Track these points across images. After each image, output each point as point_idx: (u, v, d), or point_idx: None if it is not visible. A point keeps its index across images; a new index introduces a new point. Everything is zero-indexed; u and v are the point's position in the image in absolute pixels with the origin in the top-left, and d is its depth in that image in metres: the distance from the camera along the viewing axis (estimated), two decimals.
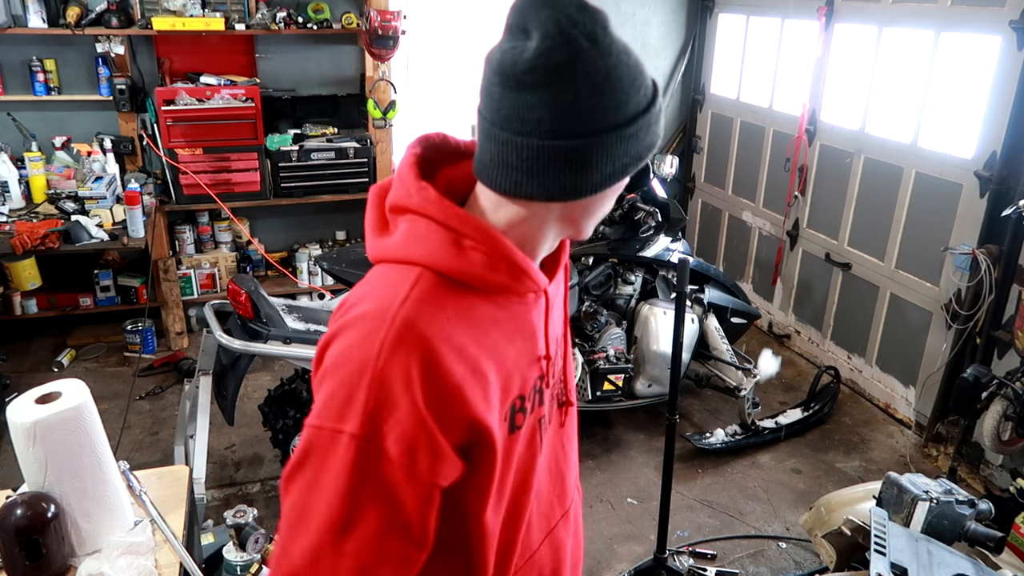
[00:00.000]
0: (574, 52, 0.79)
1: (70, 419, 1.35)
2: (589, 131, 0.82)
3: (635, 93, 0.84)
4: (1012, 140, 3.08)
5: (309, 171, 4.28)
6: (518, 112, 0.82)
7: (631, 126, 0.84)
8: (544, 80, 0.80)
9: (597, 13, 0.82)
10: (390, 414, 0.81)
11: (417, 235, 0.88)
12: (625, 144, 0.84)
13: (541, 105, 0.81)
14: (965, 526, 1.99)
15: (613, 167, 0.85)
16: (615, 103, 0.82)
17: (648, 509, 3.12)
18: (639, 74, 0.84)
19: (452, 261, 0.87)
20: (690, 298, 3.60)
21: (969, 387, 2.92)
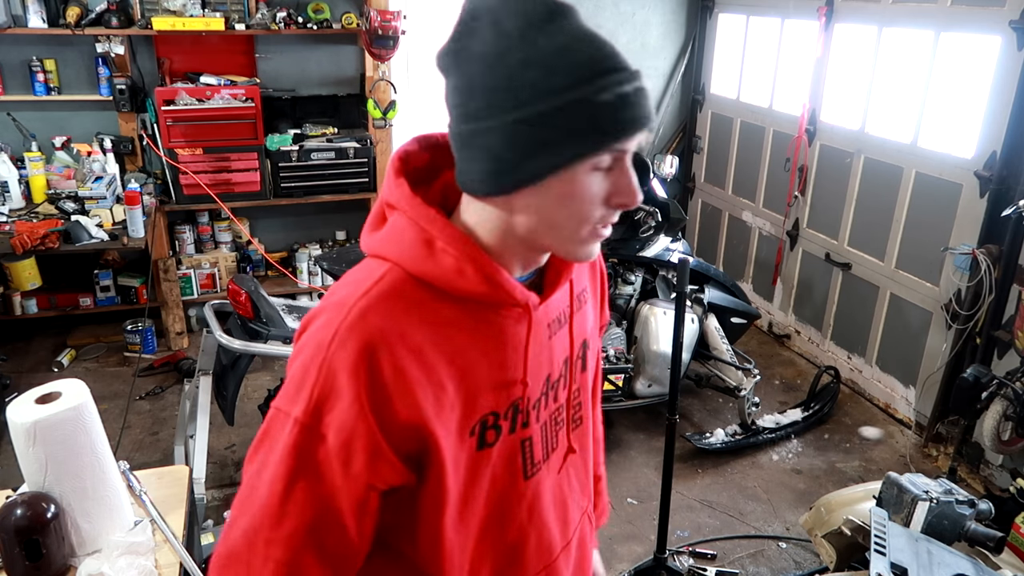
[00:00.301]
0: (476, 34, 0.79)
1: (70, 419, 1.35)
2: (484, 115, 0.79)
3: (541, 78, 0.76)
4: (1012, 140, 3.08)
5: (309, 171, 4.28)
6: (478, 100, 0.80)
7: (524, 110, 0.77)
8: (450, 65, 0.83)
9: (517, 3, 0.78)
10: (334, 404, 0.80)
11: (394, 232, 0.88)
12: (521, 134, 0.77)
13: (452, 91, 0.83)
14: (965, 526, 1.99)
15: (513, 158, 0.79)
16: (510, 87, 0.77)
17: (648, 509, 3.12)
18: (555, 57, 0.76)
19: (421, 262, 0.85)
20: (690, 298, 3.60)
21: (969, 387, 2.92)
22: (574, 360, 1.03)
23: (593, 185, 0.82)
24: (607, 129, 0.78)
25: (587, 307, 1.08)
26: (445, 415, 0.85)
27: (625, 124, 0.79)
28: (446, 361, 0.85)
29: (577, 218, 0.83)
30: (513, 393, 0.92)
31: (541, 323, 0.95)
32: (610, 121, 0.78)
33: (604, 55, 0.78)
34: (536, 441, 0.97)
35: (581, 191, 0.81)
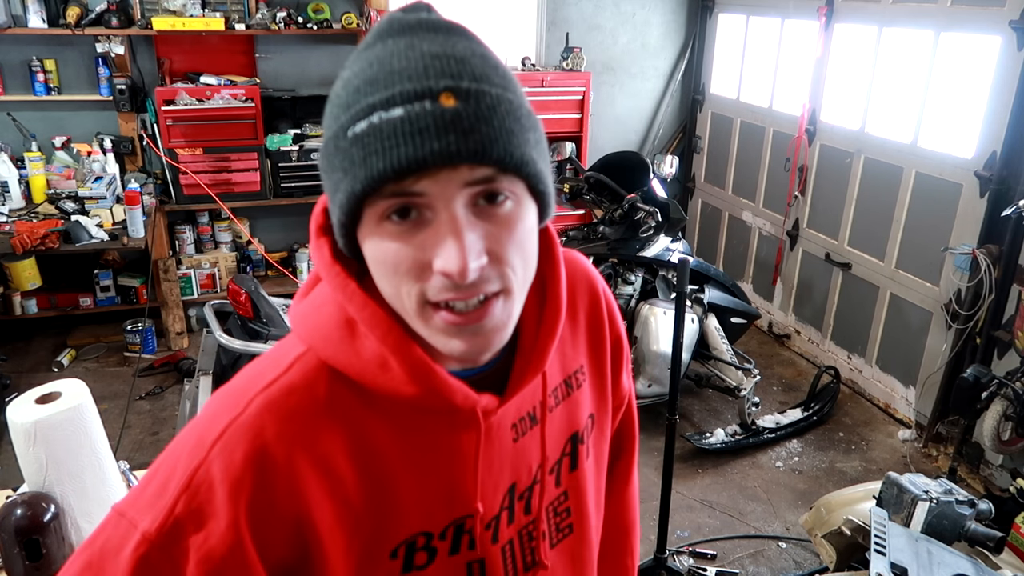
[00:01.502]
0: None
1: (70, 419, 1.35)
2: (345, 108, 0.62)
3: (339, 100, 0.62)
4: (1012, 140, 3.08)
5: (309, 171, 4.29)
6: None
7: (327, 141, 0.64)
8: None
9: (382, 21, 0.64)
10: (202, 526, 0.63)
11: (314, 306, 0.71)
12: (329, 167, 0.63)
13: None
14: (965, 526, 1.99)
15: (333, 199, 0.64)
16: (327, 115, 0.64)
17: (648, 509, 3.12)
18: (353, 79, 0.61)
19: (339, 350, 0.68)
20: (690, 298, 3.60)
21: (969, 387, 2.92)
22: (553, 465, 0.83)
23: (394, 250, 0.61)
24: (356, 169, 0.59)
25: (583, 390, 0.87)
26: (346, 535, 0.68)
27: (379, 158, 0.58)
28: (358, 473, 0.68)
29: (399, 292, 0.63)
30: (454, 511, 0.74)
31: (501, 427, 0.75)
32: (359, 156, 0.59)
33: (384, 74, 0.59)
34: (494, 563, 0.78)
35: (381, 253, 0.62)
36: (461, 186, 0.59)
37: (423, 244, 0.61)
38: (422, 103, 0.57)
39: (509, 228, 0.63)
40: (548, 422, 0.80)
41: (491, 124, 0.58)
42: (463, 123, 0.57)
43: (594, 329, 0.88)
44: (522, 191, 0.63)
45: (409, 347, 0.66)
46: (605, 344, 0.90)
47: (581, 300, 0.87)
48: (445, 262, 0.60)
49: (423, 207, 0.60)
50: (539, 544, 0.82)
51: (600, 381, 0.90)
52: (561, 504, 0.85)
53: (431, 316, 0.63)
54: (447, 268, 0.59)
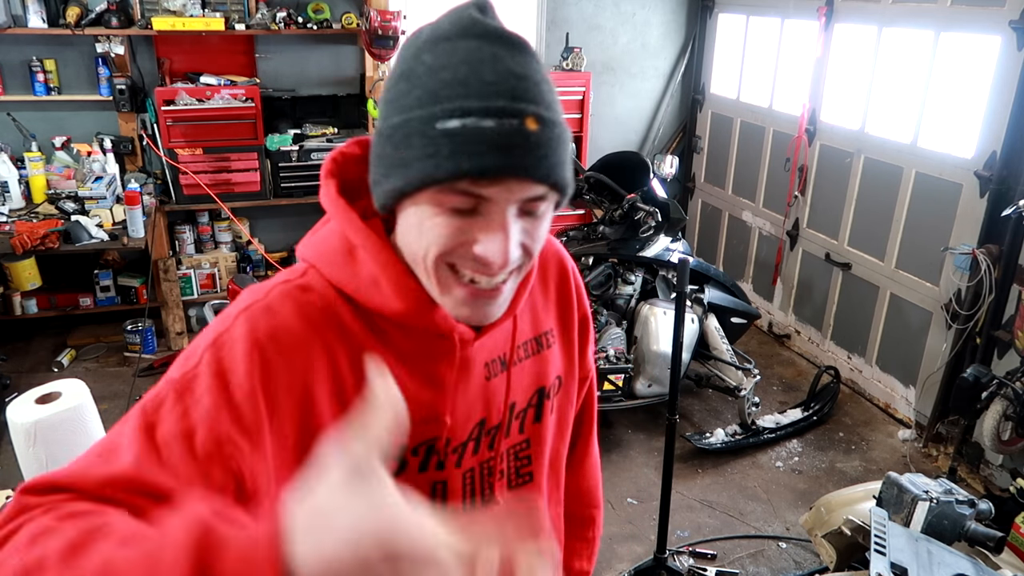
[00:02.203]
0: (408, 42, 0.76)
1: (70, 419, 1.35)
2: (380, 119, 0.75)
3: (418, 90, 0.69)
4: (1012, 140, 3.08)
5: (309, 171, 4.28)
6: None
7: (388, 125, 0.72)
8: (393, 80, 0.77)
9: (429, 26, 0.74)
10: (220, 376, 0.71)
11: (321, 235, 0.83)
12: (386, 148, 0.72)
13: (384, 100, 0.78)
14: (965, 526, 1.99)
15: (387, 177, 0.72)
16: (398, 99, 0.71)
17: (648, 509, 3.12)
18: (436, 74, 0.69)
19: (339, 268, 0.79)
20: (690, 298, 3.60)
21: (969, 387, 2.92)
22: (520, 411, 0.92)
23: (442, 225, 0.71)
24: (441, 161, 0.67)
25: (553, 351, 0.96)
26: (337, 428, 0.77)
27: (466, 159, 0.66)
28: (354, 374, 0.77)
29: (427, 256, 0.73)
30: (428, 430, 0.82)
31: (475, 363, 0.85)
32: (446, 152, 0.67)
33: (475, 79, 0.67)
34: (454, 488, 0.87)
35: (428, 225, 0.72)
36: (520, 196, 0.71)
37: (470, 229, 0.71)
38: (511, 121, 0.67)
39: (539, 227, 0.75)
40: (517, 369, 0.90)
41: (556, 153, 0.71)
42: (540, 148, 0.69)
43: (563, 300, 0.98)
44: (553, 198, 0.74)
45: (398, 269, 0.77)
46: (573, 317, 1.00)
47: (552, 272, 0.98)
48: (488, 252, 0.71)
49: (481, 204, 0.70)
50: (496, 481, 0.91)
51: (568, 349, 1.00)
52: (523, 451, 0.94)
53: (451, 284, 0.75)
54: (489, 257, 0.71)
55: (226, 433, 0.70)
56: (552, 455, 0.99)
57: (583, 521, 1.20)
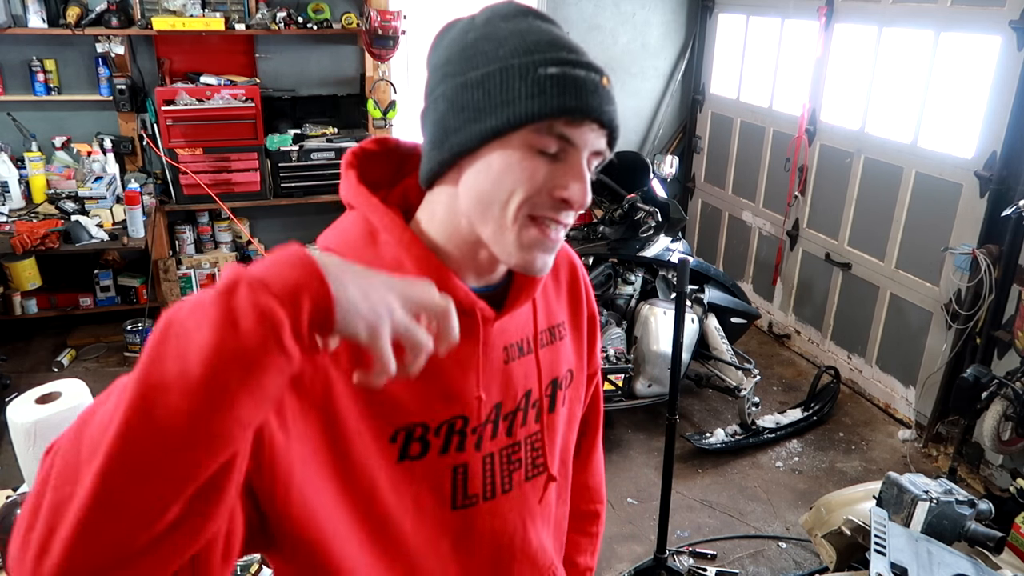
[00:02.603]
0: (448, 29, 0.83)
1: (70, 419, 1.35)
2: (455, 76, 0.79)
3: (492, 48, 0.77)
4: (1012, 140, 3.08)
5: (309, 171, 4.28)
6: (430, 87, 0.83)
7: (468, 75, 0.77)
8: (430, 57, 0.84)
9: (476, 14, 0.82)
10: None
11: (342, 225, 0.87)
12: (474, 95, 0.77)
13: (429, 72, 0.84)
14: (965, 526, 1.99)
15: (471, 123, 0.77)
16: (485, 53, 0.77)
17: (648, 509, 3.12)
18: (513, 36, 0.78)
19: (361, 252, 0.83)
20: (690, 298, 3.60)
21: (969, 387, 2.92)
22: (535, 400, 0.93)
23: (532, 167, 0.77)
24: (546, 99, 0.75)
25: (565, 343, 0.99)
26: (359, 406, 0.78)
27: (568, 99, 0.75)
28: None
29: (512, 199, 0.78)
30: (451, 410, 0.84)
31: (495, 345, 0.88)
32: (551, 93, 0.75)
33: (562, 43, 0.79)
34: (475, 472, 0.87)
35: (518, 168, 0.77)
36: (594, 146, 0.79)
37: (553, 174, 0.78)
38: (594, 76, 0.78)
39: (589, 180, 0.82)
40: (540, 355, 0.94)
41: (615, 110, 0.81)
42: (613, 103, 0.80)
43: (574, 297, 1.02)
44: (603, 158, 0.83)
45: (421, 249, 0.81)
46: (583, 312, 1.03)
47: (563, 268, 1.02)
48: (573, 194, 0.78)
49: (565, 150, 0.78)
50: (516, 469, 0.92)
51: (578, 343, 1.03)
52: (537, 441, 0.95)
53: (528, 228, 0.79)
54: (574, 197, 0.79)
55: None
56: (562, 448, 1.00)
57: (587, 516, 1.22)
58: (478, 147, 0.78)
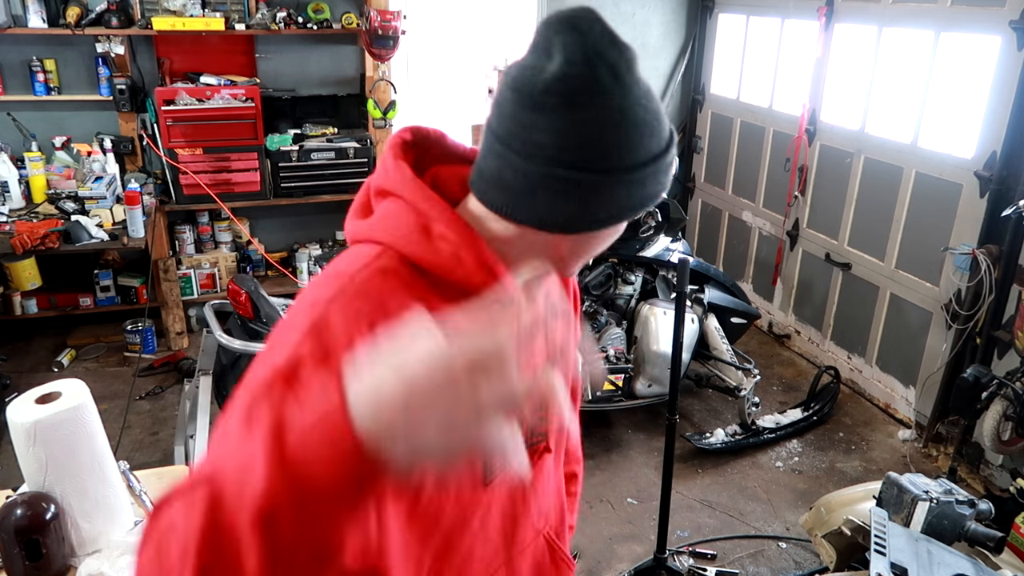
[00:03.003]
0: (594, 84, 0.78)
1: (70, 419, 1.35)
2: (591, 167, 0.79)
3: (648, 138, 0.80)
4: (1012, 140, 3.08)
5: (309, 171, 4.28)
6: (525, 132, 0.79)
7: (637, 172, 0.81)
8: (557, 105, 0.77)
9: (626, 50, 0.81)
10: (318, 364, 0.72)
11: (387, 215, 0.86)
12: (627, 189, 0.81)
13: (549, 130, 0.78)
14: (965, 526, 1.99)
15: (609, 210, 0.82)
16: (625, 144, 0.79)
17: (648, 509, 3.12)
18: (656, 121, 0.81)
19: (417, 246, 0.83)
20: (690, 298, 3.60)
21: (969, 387, 2.92)
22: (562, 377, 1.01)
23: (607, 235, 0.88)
24: (647, 204, 0.85)
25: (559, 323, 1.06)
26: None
27: (658, 195, 0.86)
28: None
29: (584, 259, 0.92)
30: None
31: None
32: (669, 177, 0.86)
33: (666, 131, 0.85)
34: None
35: (602, 243, 0.89)
36: None
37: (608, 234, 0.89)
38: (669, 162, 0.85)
39: None
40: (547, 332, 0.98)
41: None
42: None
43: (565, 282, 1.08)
44: None
45: (483, 245, 0.84)
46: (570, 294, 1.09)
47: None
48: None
49: None
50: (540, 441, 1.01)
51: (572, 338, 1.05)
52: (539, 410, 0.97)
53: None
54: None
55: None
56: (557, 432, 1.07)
57: (568, 477, 1.28)
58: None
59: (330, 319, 0.76)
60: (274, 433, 0.57)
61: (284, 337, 0.76)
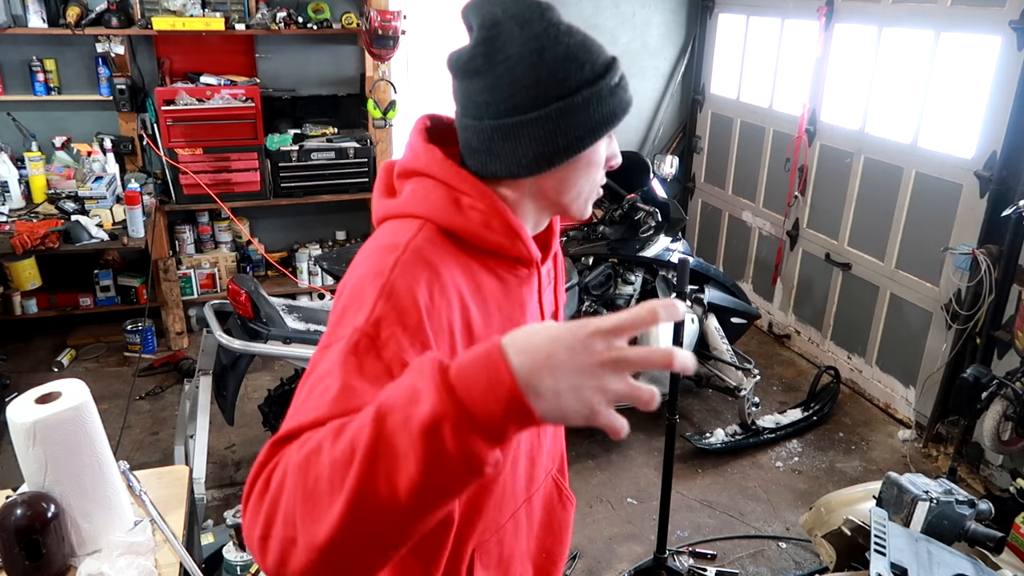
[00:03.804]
0: (505, 38, 0.90)
1: (70, 419, 1.35)
2: (531, 107, 0.90)
3: (576, 69, 0.90)
4: (1012, 140, 3.08)
5: (309, 171, 4.28)
6: (470, 100, 0.94)
7: (572, 99, 0.90)
8: (481, 65, 0.91)
9: (532, 3, 0.91)
10: (394, 323, 0.83)
11: (420, 193, 0.95)
12: (573, 117, 0.91)
13: (485, 90, 0.92)
14: (965, 526, 1.99)
15: (566, 139, 0.92)
16: (553, 80, 0.90)
17: (648, 509, 3.12)
18: (582, 51, 0.91)
19: (452, 217, 0.93)
20: (690, 298, 3.60)
21: (969, 387, 2.92)
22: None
23: (603, 152, 0.99)
24: (623, 107, 0.95)
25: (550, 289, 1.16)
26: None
27: (623, 111, 0.96)
28: (477, 308, 0.93)
29: (594, 181, 1.00)
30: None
31: (545, 286, 1.07)
32: (622, 101, 0.95)
33: (596, 45, 0.94)
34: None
35: (598, 159, 0.98)
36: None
37: (606, 149, 1.00)
38: (622, 71, 0.95)
39: None
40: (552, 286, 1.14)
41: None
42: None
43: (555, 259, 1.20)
44: None
45: (507, 212, 0.96)
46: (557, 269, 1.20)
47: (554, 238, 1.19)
48: (616, 158, 1.02)
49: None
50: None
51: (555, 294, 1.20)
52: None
53: (593, 195, 1.02)
54: (616, 161, 1.02)
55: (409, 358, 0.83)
56: None
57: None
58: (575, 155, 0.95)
59: (397, 284, 0.85)
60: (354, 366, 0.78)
61: (360, 301, 0.85)
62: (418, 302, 0.85)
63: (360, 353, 0.81)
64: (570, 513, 1.27)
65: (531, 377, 0.61)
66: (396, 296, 0.84)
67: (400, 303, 0.84)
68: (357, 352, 0.81)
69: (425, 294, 0.86)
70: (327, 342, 0.85)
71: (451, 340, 0.89)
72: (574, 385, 0.62)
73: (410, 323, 0.83)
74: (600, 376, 0.62)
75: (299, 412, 0.79)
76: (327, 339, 0.85)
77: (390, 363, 0.81)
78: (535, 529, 1.17)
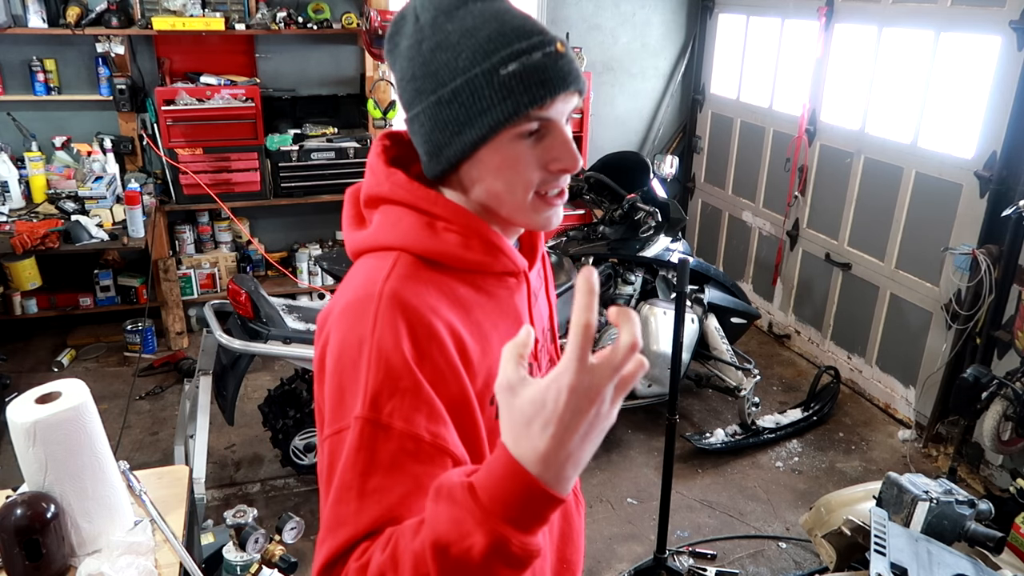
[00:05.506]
0: (402, 33, 0.88)
1: (70, 419, 1.35)
2: (414, 102, 0.87)
3: (451, 59, 0.83)
4: (1012, 140, 3.08)
5: (309, 171, 4.28)
6: (401, 98, 0.91)
7: (443, 91, 0.84)
8: (391, 63, 0.91)
9: (419, 5, 0.87)
10: (391, 392, 0.80)
11: (391, 221, 0.90)
12: (444, 110, 0.84)
13: (398, 82, 0.90)
14: (965, 526, 1.99)
15: (443, 135, 0.86)
16: (426, 72, 0.85)
17: (648, 509, 3.12)
18: (464, 38, 0.83)
19: (427, 243, 0.88)
20: (690, 298, 3.60)
21: (969, 387, 2.92)
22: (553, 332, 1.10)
23: (523, 153, 0.86)
24: (516, 98, 0.82)
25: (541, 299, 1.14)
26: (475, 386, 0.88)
27: (535, 90, 0.82)
28: (469, 334, 0.88)
29: (516, 186, 0.88)
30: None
31: (536, 292, 1.03)
32: (519, 90, 0.82)
33: (509, 29, 0.83)
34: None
35: (512, 160, 0.86)
36: (567, 109, 0.86)
37: (544, 152, 0.87)
38: (550, 49, 0.83)
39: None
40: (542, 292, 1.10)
41: (576, 66, 0.87)
42: (572, 64, 0.85)
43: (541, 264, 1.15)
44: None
45: (484, 227, 0.90)
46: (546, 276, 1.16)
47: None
48: (565, 162, 0.87)
49: (544, 126, 0.85)
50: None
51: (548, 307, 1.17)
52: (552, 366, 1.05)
53: (538, 204, 0.90)
54: (567, 165, 0.87)
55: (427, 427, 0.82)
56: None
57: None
58: (471, 154, 0.86)
59: (381, 347, 0.81)
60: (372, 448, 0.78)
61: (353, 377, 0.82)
62: (407, 360, 0.81)
63: (369, 444, 0.79)
64: (583, 517, 1.25)
65: (556, 482, 0.64)
66: (384, 360, 0.80)
67: (391, 368, 0.80)
68: (365, 445, 0.79)
69: (410, 347, 0.81)
70: (335, 428, 0.82)
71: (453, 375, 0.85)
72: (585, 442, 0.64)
73: (407, 386, 0.80)
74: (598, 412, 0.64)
75: (334, 524, 0.79)
76: (333, 423, 0.83)
77: (402, 437, 0.79)
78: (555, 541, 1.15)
